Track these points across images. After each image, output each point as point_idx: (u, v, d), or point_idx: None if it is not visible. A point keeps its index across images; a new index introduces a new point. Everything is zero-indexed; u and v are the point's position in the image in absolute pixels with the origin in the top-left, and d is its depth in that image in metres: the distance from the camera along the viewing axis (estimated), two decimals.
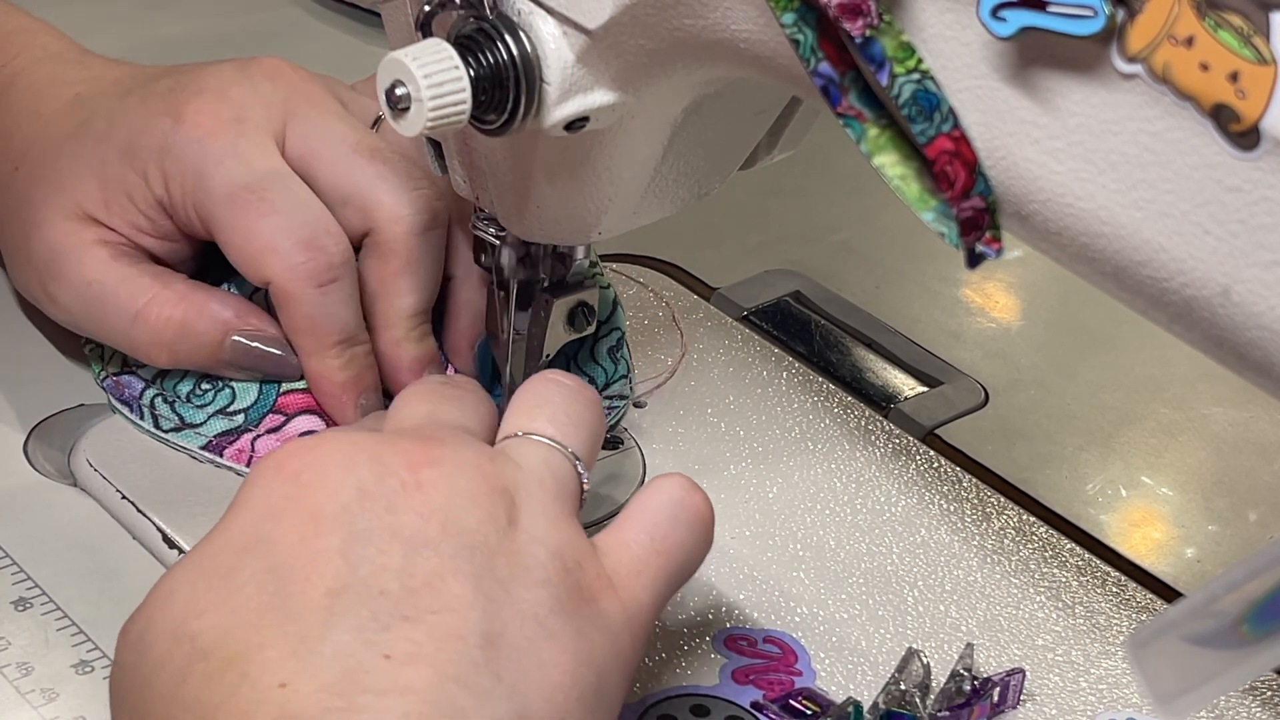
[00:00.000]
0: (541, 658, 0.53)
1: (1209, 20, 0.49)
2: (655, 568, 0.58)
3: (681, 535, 0.59)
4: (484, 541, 0.55)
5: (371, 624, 0.52)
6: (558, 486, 0.59)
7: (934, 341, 0.88)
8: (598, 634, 0.55)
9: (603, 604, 0.56)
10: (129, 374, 0.77)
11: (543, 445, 0.60)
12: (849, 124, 0.54)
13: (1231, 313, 0.51)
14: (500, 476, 0.57)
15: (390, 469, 0.56)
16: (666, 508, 0.59)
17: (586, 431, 0.61)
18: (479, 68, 0.62)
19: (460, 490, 0.56)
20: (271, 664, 0.51)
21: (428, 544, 0.54)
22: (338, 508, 0.54)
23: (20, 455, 0.75)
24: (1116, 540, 0.77)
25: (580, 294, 0.75)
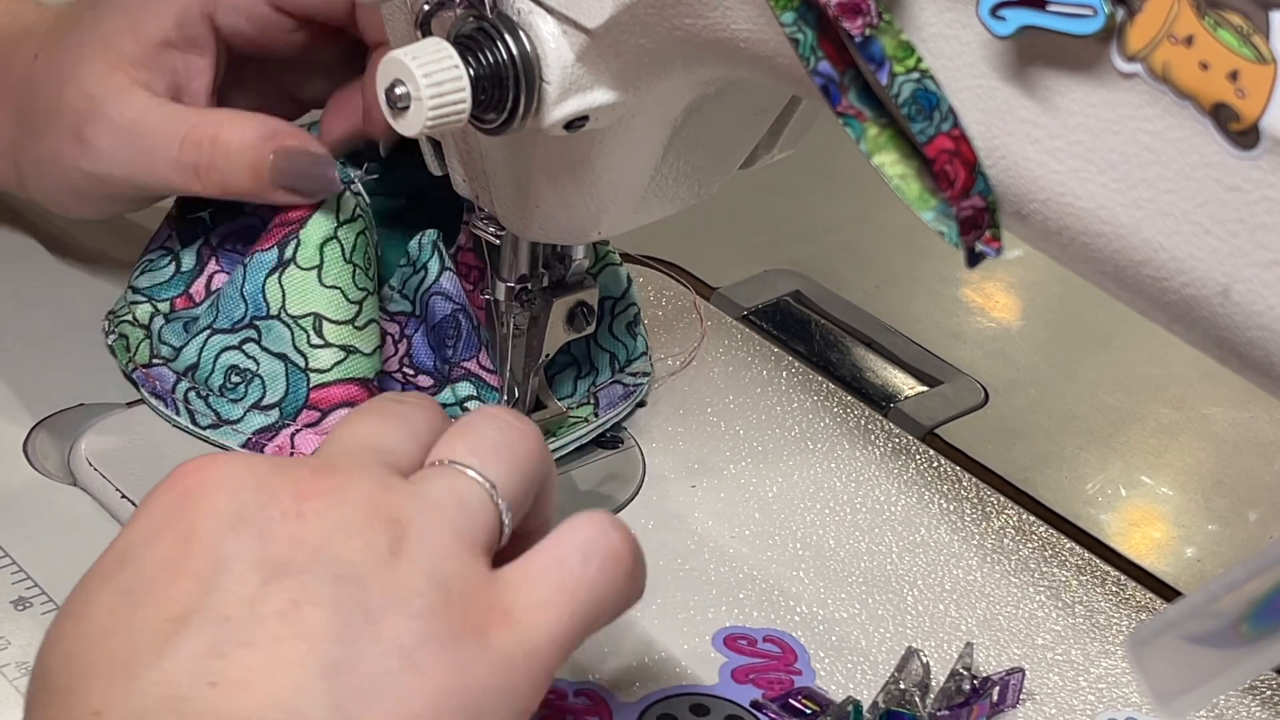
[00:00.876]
0: (400, 690, 0.51)
1: (1208, 19, 0.49)
2: (560, 605, 0.55)
3: (592, 574, 0.56)
4: (355, 572, 0.53)
5: (208, 652, 0.50)
6: (461, 517, 0.56)
7: (934, 341, 0.88)
8: (481, 668, 0.53)
9: (493, 637, 0.54)
10: (159, 366, 0.77)
11: (456, 474, 0.57)
12: (849, 123, 0.54)
13: (1231, 312, 0.51)
14: (392, 506, 0.55)
15: (275, 497, 0.54)
16: (579, 545, 0.56)
17: (511, 462, 0.58)
18: (479, 67, 0.62)
19: (341, 521, 0.54)
20: (94, 691, 0.50)
21: (290, 573, 0.52)
22: (210, 532, 0.53)
23: (20, 455, 0.75)
24: (1116, 540, 0.77)
25: (580, 294, 0.76)
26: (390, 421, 0.59)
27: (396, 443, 0.58)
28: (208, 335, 0.76)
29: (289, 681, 0.50)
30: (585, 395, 0.79)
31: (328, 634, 0.51)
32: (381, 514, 0.54)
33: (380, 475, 0.56)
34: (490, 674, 0.53)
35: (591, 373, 0.79)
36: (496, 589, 0.55)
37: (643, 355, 0.81)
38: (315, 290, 0.75)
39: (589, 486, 0.77)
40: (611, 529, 0.56)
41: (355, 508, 0.54)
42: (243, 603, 0.51)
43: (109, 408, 0.77)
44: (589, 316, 0.76)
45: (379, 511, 0.54)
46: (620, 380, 0.79)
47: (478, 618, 0.54)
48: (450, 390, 0.77)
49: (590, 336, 0.79)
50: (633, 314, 0.80)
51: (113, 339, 0.79)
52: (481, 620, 0.54)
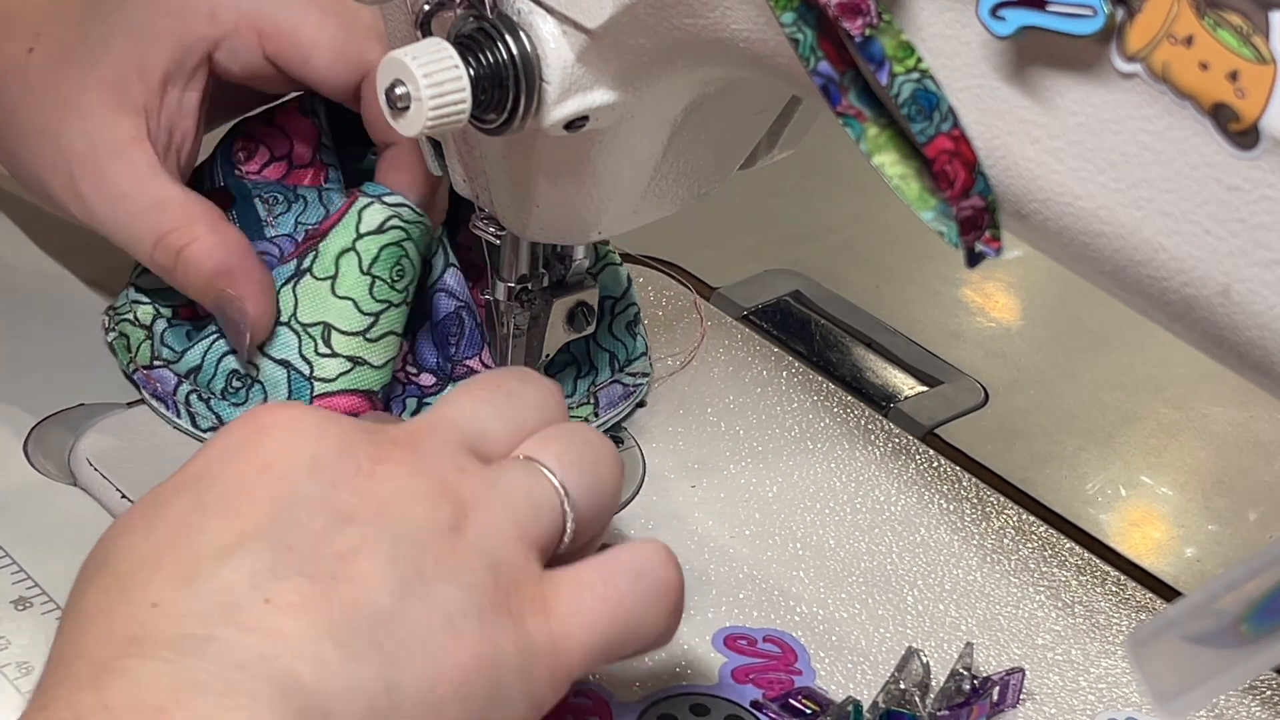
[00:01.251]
0: (437, 648, 0.53)
1: (1208, 19, 0.49)
2: (598, 615, 0.57)
3: (638, 597, 0.58)
4: (416, 535, 0.55)
5: (268, 572, 0.53)
6: (528, 512, 0.57)
7: (934, 341, 0.88)
8: (512, 649, 0.55)
9: (529, 624, 0.56)
10: (160, 367, 0.77)
11: (535, 471, 0.59)
12: (849, 123, 0.54)
13: (1231, 312, 0.51)
14: (462, 486, 0.57)
15: (353, 452, 0.56)
16: (633, 565, 0.58)
17: (590, 479, 0.60)
18: (479, 67, 0.62)
19: (410, 488, 0.56)
20: (153, 583, 0.52)
21: (356, 521, 0.54)
22: (287, 467, 0.55)
23: (20, 455, 0.75)
24: (1116, 540, 0.77)
25: (580, 294, 0.76)
26: (496, 404, 0.61)
27: (491, 426, 0.60)
28: (213, 339, 0.76)
29: (339, 615, 0.52)
30: (585, 395, 0.79)
31: (381, 583, 0.53)
32: (450, 491, 0.56)
33: (458, 456, 0.58)
34: (518, 657, 0.55)
35: (591, 372, 0.79)
36: (543, 586, 0.57)
37: (642, 355, 0.81)
38: (327, 300, 0.74)
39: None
40: (669, 561, 0.59)
41: (425, 479, 0.56)
42: (307, 536, 0.54)
43: (109, 408, 0.77)
44: (589, 316, 0.76)
45: (447, 488, 0.56)
46: (620, 380, 0.79)
47: (519, 605, 0.56)
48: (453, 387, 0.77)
49: (590, 336, 0.79)
50: (633, 314, 0.80)
51: (112, 337, 0.79)
52: (522, 608, 0.56)
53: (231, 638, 0.51)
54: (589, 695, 0.66)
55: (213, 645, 0.51)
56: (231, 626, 0.51)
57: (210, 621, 0.51)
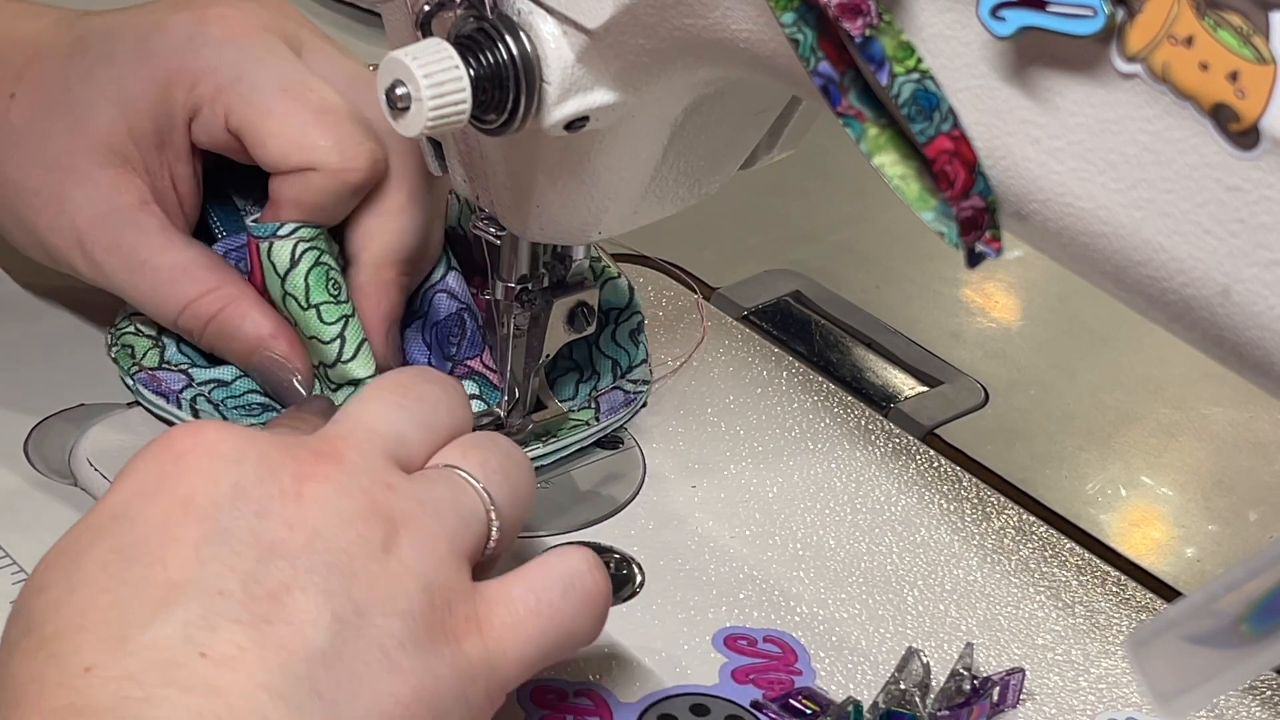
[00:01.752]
0: (377, 686, 0.53)
1: (1208, 20, 0.49)
2: (532, 629, 0.57)
3: (570, 607, 0.58)
4: (348, 563, 0.54)
5: (200, 622, 0.51)
6: (457, 524, 0.57)
7: (934, 341, 0.88)
8: (449, 675, 0.54)
9: (465, 645, 0.55)
10: (167, 370, 0.77)
11: (460, 482, 0.59)
12: (849, 123, 0.54)
13: (1231, 312, 0.51)
14: (390, 504, 0.56)
15: (275, 474, 0.55)
16: (562, 577, 0.58)
17: (513, 487, 0.60)
18: (479, 67, 0.62)
19: (339, 509, 0.55)
20: (84, 646, 0.51)
21: (286, 554, 0.53)
22: (208, 501, 0.54)
23: (20, 455, 0.75)
24: (1116, 540, 0.77)
25: (580, 294, 0.76)
26: (408, 407, 0.60)
27: (408, 431, 0.59)
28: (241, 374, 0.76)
29: (275, 663, 0.51)
30: (586, 399, 0.79)
31: (315, 621, 0.52)
32: (379, 508, 0.55)
33: (382, 468, 0.57)
34: (456, 681, 0.55)
35: (593, 377, 0.80)
36: (475, 602, 0.56)
37: (643, 363, 0.81)
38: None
39: (589, 486, 0.77)
40: (596, 568, 0.59)
41: (353, 499, 0.55)
42: (237, 578, 0.52)
43: (109, 408, 0.77)
44: (589, 317, 0.76)
45: (377, 506, 0.55)
46: (621, 387, 0.80)
47: (454, 626, 0.55)
48: None
49: (592, 342, 0.79)
50: (636, 322, 0.81)
51: (116, 350, 0.78)
52: (457, 629, 0.55)
53: (172, 699, 0.50)
54: (589, 695, 0.66)
55: (153, 709, 0.50)
56: (170, 686, 0.50)
57: (147, 683, 0.50)
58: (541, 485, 0.76)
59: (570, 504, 0.76)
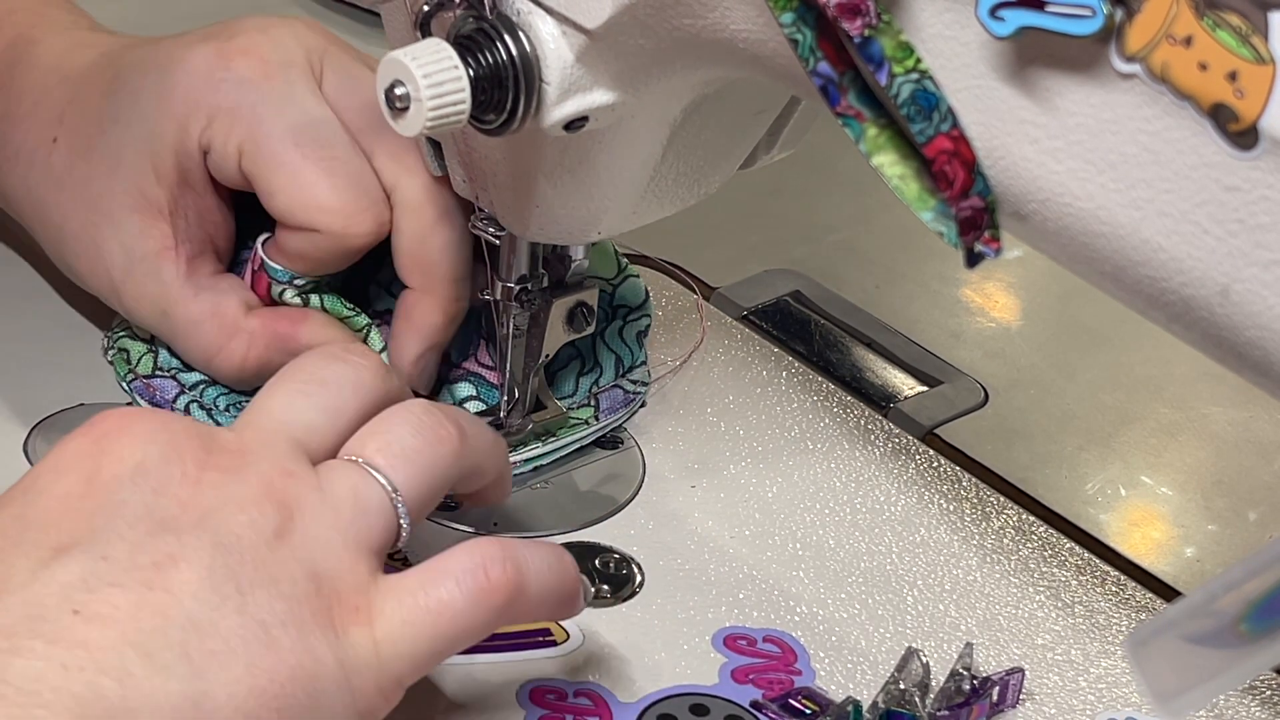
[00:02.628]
0: (252, 659, 0.53)
1: (1207, 20, 0.49)
2: (422, 624, 0.57)
3: (462, 602, 0.58)
4: (235, 543, 0.55)
5: (80, 584, 0.53)
6: (354, 516, 0.58)
7: (934, 341, 0.88)
8: (332, 661, 0.55)
9: (353, 635, 0.56)
10: (163, 378, 0.77)
11: (361, 474, 0.59)
12: (848, 124, 0.55)
13: (1230, 312, 0.51)
14: (288, 492, 0.57)
15: (179, 457, 0.56)
16: (455, 572, 0.58)
17: (421, 466, 0.60)
18: (478, 67, 0.62)
19: (234, 495, 0.56)
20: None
21: (176, 530, 0.54)
22: (111, 477, 0.55)
23: (20, 455, 0.75)
24: (1116, 540, 0.77)
25: (580, 294, 0.76)
26: (311, 394, 0.61)
27: (316, 420, 0.60)
28: None
29: (149, 626, 0.52)
30: (586, 396, 0.79)
31: (195, 593, 0.53)
32: (275, 497, 0.57)
33: (285, 459, 0.58)
34: (338, 669, 0.55)
35: (595, 370, 0.79)
36: (368, 593, 0.57)
37: (642, 365, 0.81)
38: None
39: (589, 486, 0.77)
40: (494, 564, 0.58)
41: (250, 486, 0.56)
42: (124, 546, 0.54)
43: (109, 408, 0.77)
44: (589, 316, 0.76)
45: (273, 494, 0.57)
46: (621, 385, 0.80)
47: (342, 615, 0.56)
48: (448, 391, 0.77)
49: (599, 335, 0.79)
50: (645, 324, 0.81)
51: (112, 354, 0.79)
52: (345, 618, 0.56)
53: (35, 649, 0.51)
54: (589, 695, 0.66)
55: (15, 658, 0.51)
56: (36, 639, 0.51)
57: (14, 634, 0.51)
58: (541, 485, 0.76)
59: (570, 504, 0.76)
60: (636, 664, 0.68)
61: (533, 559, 0.60)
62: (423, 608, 0.57)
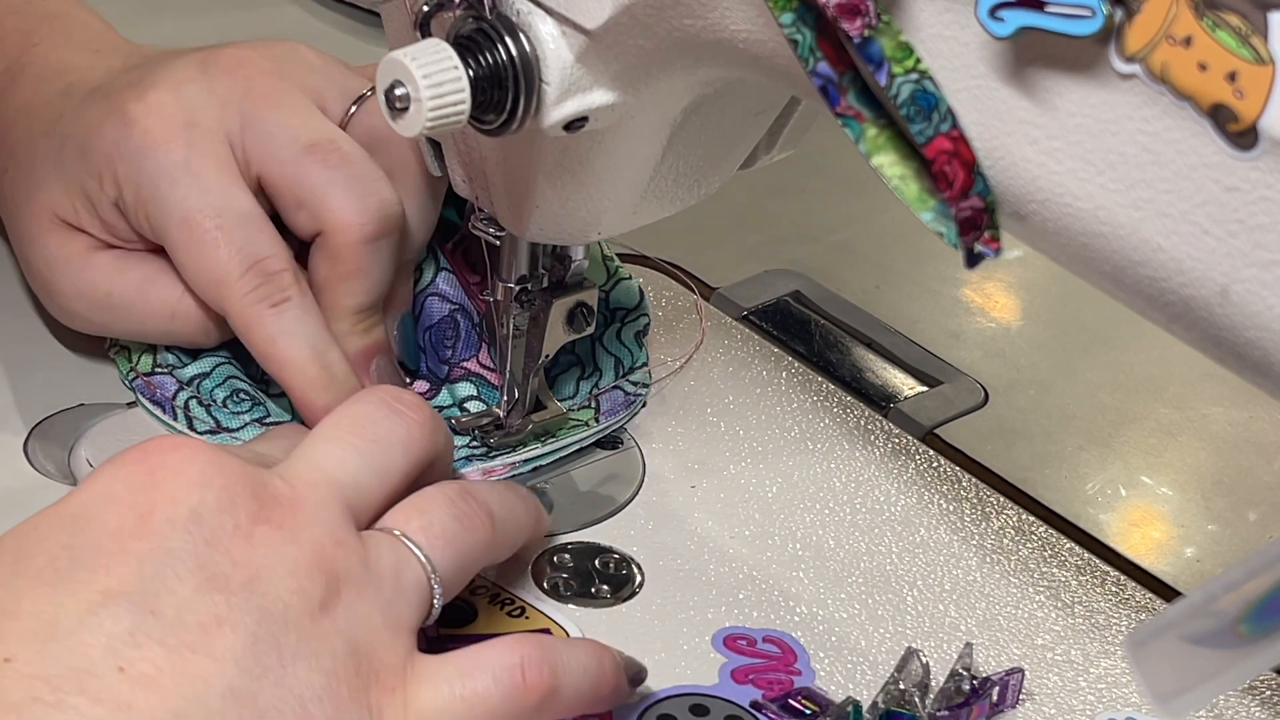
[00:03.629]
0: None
1: (1207, 20, 0.49)
2: (457, 715, 0.58)
3: (496, 700, 0.58)
4: (282, 612, 0.55)
5: (126, 638, 0.52)
6: (396, 595, 0.58)
7: (934, 341, 0.88)
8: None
9: (386, 717, 0.56)
10: (161, 374, 0.77)
11: (404, 551, 0.60)
12: (848, 124, 0.55)
13: (1230, 312, 0.51)
14: (336, 561, 0.57)
15: (233, 508, 0.56)
16: (493, 667, 0.58)
17: (458, 550, 0.61)
18: (478, 68, 0.62)
19: (285, 556, 0.56)
20: (10, 635, 0.52)
21: (225, 590, 0.54)
22: (164, 519, 0.55)
23: (20, 455, 0.75)
24: (1116, 540, 0.77)
25: (580, 294, 0.76)
26: (364, 451, 0.61)
27: (366, 481, 0.61)
28: (222, 361, 0.76)
29: (190, 692, 0.52)
30: (586, 398, 0.79)
31: (238, 661, 0.53)
32: (324, 564, 0.57)
33: (337, 522, 0.58)
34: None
35: (595, 374, 0.80)
36: (405, 675, 0.57)
37: (643, 366, 0.81)
38: None
39: (589, 487, 0.77)
40: (530, 667, 0.59)
41: (301, 549, 0.56)
42: (173, 601, 0.53)
43: (109, 408, 0.77)
44: (589, 317, 0.76)
45: (323, 562, 0.57)
46: (621, 387, 0.80)
47: (379, 696, 0.56)
48: (448, 391, 0.77)
49: (597, 338, 0.79)
50: (643, 324, 0.81)
51: (114, 351, 0.79)
52: (381, 700, 0.56)
53: (80, 708, 0.51)
54: None
55: (59, 714, 0.50)
56: (82, 695, 0.51)
57: (61, 687, 0.51)
58: (541, 485, 0.76)
59: (570, 504, 0.76)
60: None
61: (572, 663, 0.61)
62: (458, 697, 0.57)
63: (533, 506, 0.69)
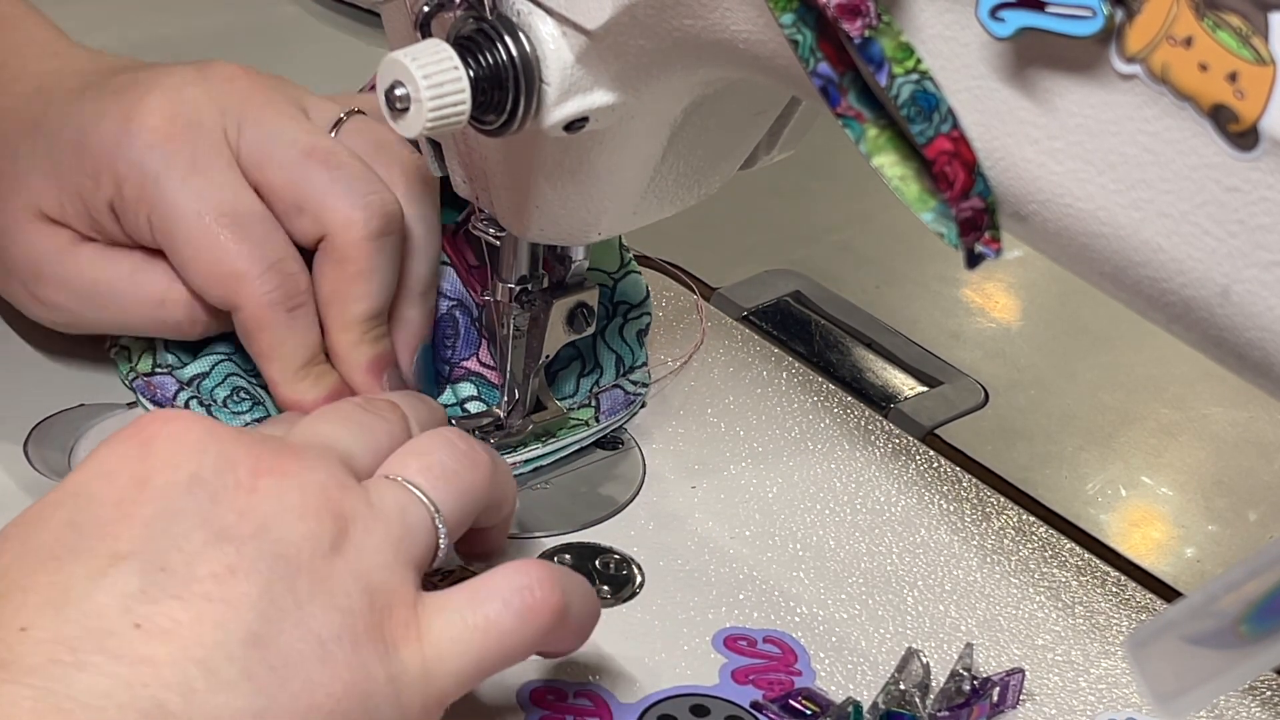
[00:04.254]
0: (309, 675, 0.54)
1: (1208, 20, 0.49)
2: (469, 642, 0.58)
3: (507, 622, 0.58)
4: (294, 555, 0.55)
5: (140, 595, 0.53)
6: (403, 532, 0.59)
7: (934, 341, 0.88)
8: (383, 677, 0.55)
9: (402, 652, 0.56)
10: (161, 375, 0.77)
11: (405, 491, 0.60)
12: (848, 124, 0.54)
13: (1230, 313, 0.51)
14: (342, 503, 0.57)
15: (232, 466, 0.56)
16: (502, 591, 0.59)
17: (458, 489, 0.61)
18: (479, 68, 0.62)
19: (291, 504, 0.56)
20: (25, 607, 0.52)
21: (233, 540, 0.55)
22: (164, 483, 0.55)
23: (20, 455, 0.75)
24: (1116, 540, 0.77)
25: (580, 294, 0.76)
26: (351, 427, 0.62)
27: (354, 448, 0.61)
28: (221, 359, 0.76)
29: (210, 640, 0.53)
30: (586, 396, 0.79)
31: (254, 605, 0.54)
32: (331, 508, 0.57)
33: (337, 471, 0.59)
34: (389, 684, 0.56)
35: (595, 371, 0.80)
36: (417, 610, 0.57)
37: (643, 366, 0.81)
38: None
39: (589, 487, 0.77)
40: (539, 586, 0.59)
41: (306, 495, 0.57)
42: (182, 557, 0.54)
43: (109, 408, 0.77)
44: (589, 317, 0.76)
45: (329, 505, 0.57)
46: (622, 386, 0.80)
47: (393, 631, 0.56)
48: (451, 390, 0.77)
49: (599, 335, 0.79)
50: (645, 323, 0.81)
51: (114, 352, 0.79)
52: (396, 635, 0.56)
53: (100, 665, 0.51)
54: (589, 696, 0.66)
55: (80, 673, 0.51)
56: (101, 653, 0.51)
57: (79, 648, 0.51)
58: (541, 485, 0.76)
59: (570, 504, 0.76)
60: (637, 664, 0.68)
61: (573, 585, 0.61)
62: (470, 626, 0.58)
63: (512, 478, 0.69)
